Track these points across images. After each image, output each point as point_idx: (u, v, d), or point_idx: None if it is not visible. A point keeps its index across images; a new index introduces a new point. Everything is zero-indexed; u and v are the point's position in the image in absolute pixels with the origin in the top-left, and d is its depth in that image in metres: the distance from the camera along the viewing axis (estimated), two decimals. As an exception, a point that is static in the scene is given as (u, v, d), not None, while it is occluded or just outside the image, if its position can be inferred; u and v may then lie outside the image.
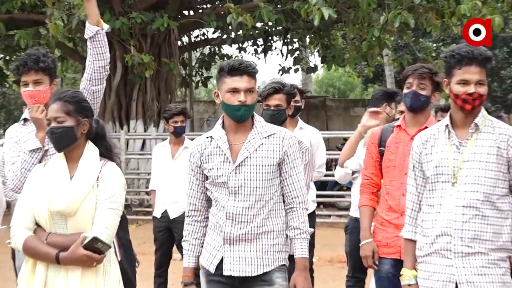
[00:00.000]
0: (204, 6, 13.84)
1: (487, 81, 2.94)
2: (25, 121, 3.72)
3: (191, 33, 15.21)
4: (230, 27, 10.92)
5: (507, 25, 17.10)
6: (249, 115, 3.15)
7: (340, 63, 14.73)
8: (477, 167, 2.89)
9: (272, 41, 15.37)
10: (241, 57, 16.71)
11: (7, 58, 13.74)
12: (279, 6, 11.49)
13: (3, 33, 11.16)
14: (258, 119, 3.25)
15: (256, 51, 15.48)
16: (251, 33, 11.50)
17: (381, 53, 14.07)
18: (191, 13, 13.94)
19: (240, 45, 14.82)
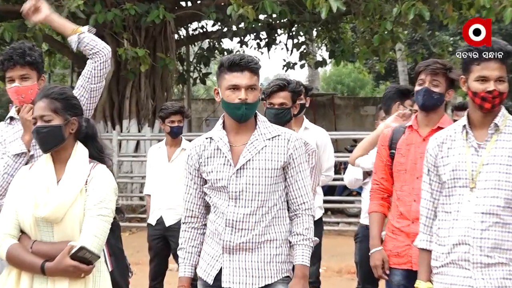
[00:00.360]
0: (203, -4, 13.86)
1: (507, 78, 2.93)
2: (11, 120, 3.72)
3: (189, 25, 15.21)
4: (230, 20, 10.91)
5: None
6: (250, 114, 3.15)
7: (349, 58, 14.72)
8: (497, 171, 2.88)
9: (276, 35, 15.35)
10: (243, 51, 16.73)
11: (-9, 52, 13.78)
12: (283, -3, 11.49)
13: (-14, 25, 11.18)
14: (261, 119, 3.25)
15: (259, 45, 15.45)
16: (253, 26, 11.48)
17: (393, 47, 14.07)
18: (189, 4, 13.92)
19: (241, 38, 14.81)
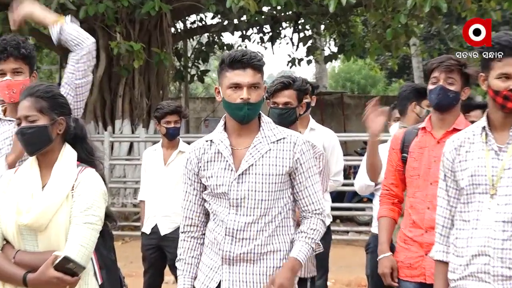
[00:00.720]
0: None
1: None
2: None
3: (187, 18, 15.21)
4: (231, 12, 10.90)
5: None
6: (253, 115, 3.14)
7: (360, 53, 14.70)
8: (519, 176, 2.87)
9: (280, 28, 15.35)
10: (245, 46, 16.73)
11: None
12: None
13: (-32, 17, 11.20)
14: (266, 120, 3.25)
15: (262, 39, 15.45)
16: (256, 18, 11.48)
17: (407, 42, 14.06)
18: (187, -5, 13.94)
19: (243, 32, 14.81)
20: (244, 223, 3.09)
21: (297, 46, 14.56)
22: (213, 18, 14.58)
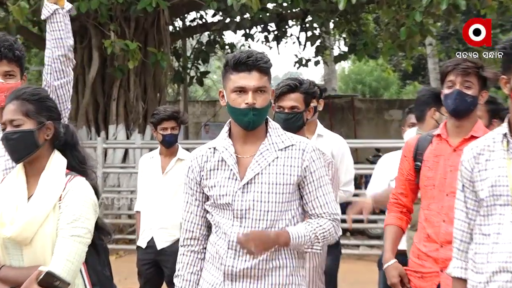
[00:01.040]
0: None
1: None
2: None
3: (186, 16, 15.24)
4: (233, 9, 10.91)
5: None
6: (259, 121, 3.14)
7: (372, 53, 14.70)
8: (544, 187, 2.87)
9: (286, 26, 15.37)
10: (248, 46, 16.75)
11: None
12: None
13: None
14: (273, 125, 3.25)
15: (266, 38, 15.46)
16: (260, 16, 11.48)
17: (423, 41, 14.06)
18: (186, -10, 13.97)
19: (246, 31, 14.83)
20: (248, 236, 3.09)
21: (304, 45, 14.58)
22: (214, 15, 14.59)
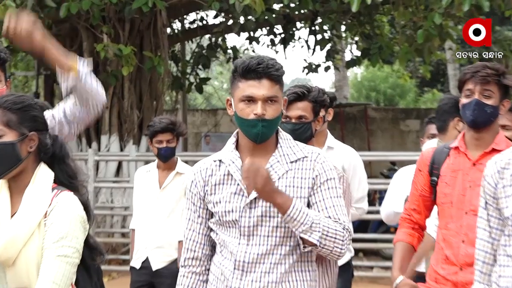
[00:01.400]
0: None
1: None
2: None
3: (185, 17, 15.28)
4: (236, 10, 10.94)
5: None
6: (269, 134, 3.13)
7: (387, 58, 14.70)
8: None
9: (294, 29, 15.39)
10: (253, 50, 16.78)
11: None
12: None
13: None
14: (284, 136, 3.25)
15: (272, 42, 15.49)
16: (266, 17, 11.48)
17: (442, 46, 14.06)
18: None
19: (251, 34, 14.84)
20: (256, 255, 3.08)
21: (314, 49, 14.59)
22: (215, 17, 14.64)
